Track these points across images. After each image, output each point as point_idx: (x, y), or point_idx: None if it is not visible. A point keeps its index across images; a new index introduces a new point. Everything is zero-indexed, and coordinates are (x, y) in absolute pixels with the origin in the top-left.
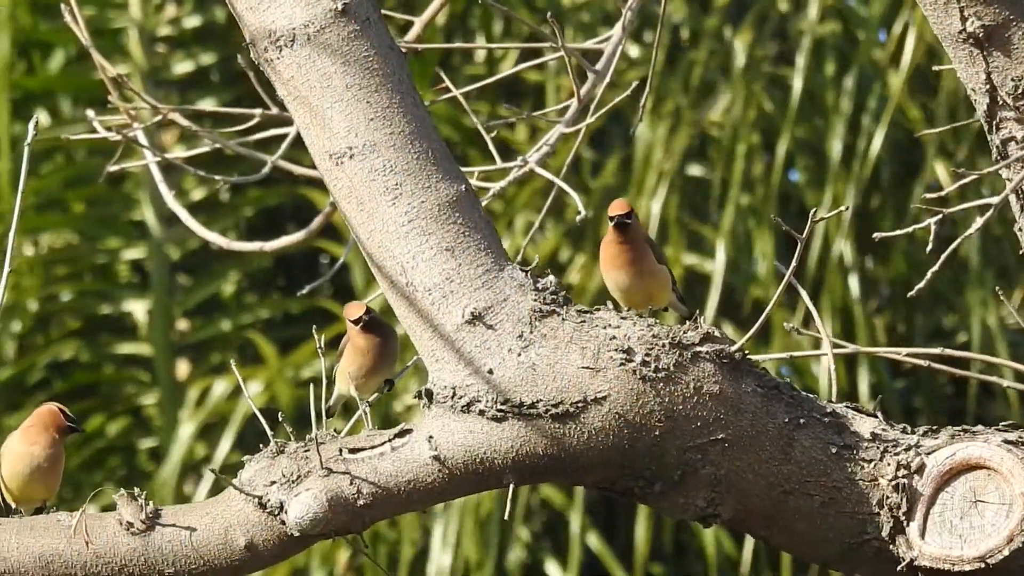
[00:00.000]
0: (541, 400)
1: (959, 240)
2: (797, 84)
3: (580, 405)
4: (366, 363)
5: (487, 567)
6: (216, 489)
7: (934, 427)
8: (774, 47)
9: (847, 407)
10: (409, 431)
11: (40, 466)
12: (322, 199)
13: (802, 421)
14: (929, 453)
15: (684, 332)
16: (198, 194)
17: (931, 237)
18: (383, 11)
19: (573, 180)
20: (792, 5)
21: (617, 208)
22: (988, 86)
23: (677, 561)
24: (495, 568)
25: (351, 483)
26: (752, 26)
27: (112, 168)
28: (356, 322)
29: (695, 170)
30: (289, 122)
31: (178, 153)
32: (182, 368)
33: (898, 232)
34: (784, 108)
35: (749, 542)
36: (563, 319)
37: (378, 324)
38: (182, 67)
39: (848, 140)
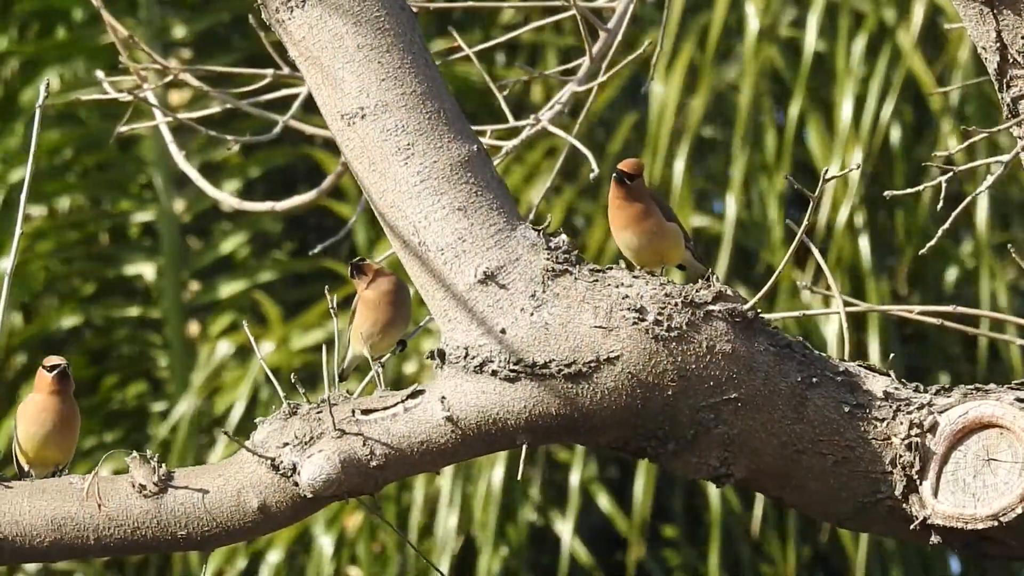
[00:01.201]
0: (554, 360)
1: (971, 197)
2: (809, 45)
3: (593, 365)
4: (380, 317)
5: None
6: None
7: (946, 386)
8: (790, 11)
9: (860, 366)
10: (422, 392)
11: (55, 425)
12: (329, 162)
13: (815, 380)
14: (942, 412)
15: (697, 291)
16: (207, 155)
17: (941, 195)
18: None
19: (588, 142)
20: None
21: (627, 165)
22: (999, 44)
23: (687, 523)
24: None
25: (364, 444)
26: None
27: (123, 129)
28: (355, 266)
29: (708, 131)
30: (301, 82)
31: (191, 114)
32: (193, 329)
33: (909, 190)
34: (796, 70)
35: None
36: (576, 278)
37: (387, 277)
38: (192, 28)
39: (858, 103)
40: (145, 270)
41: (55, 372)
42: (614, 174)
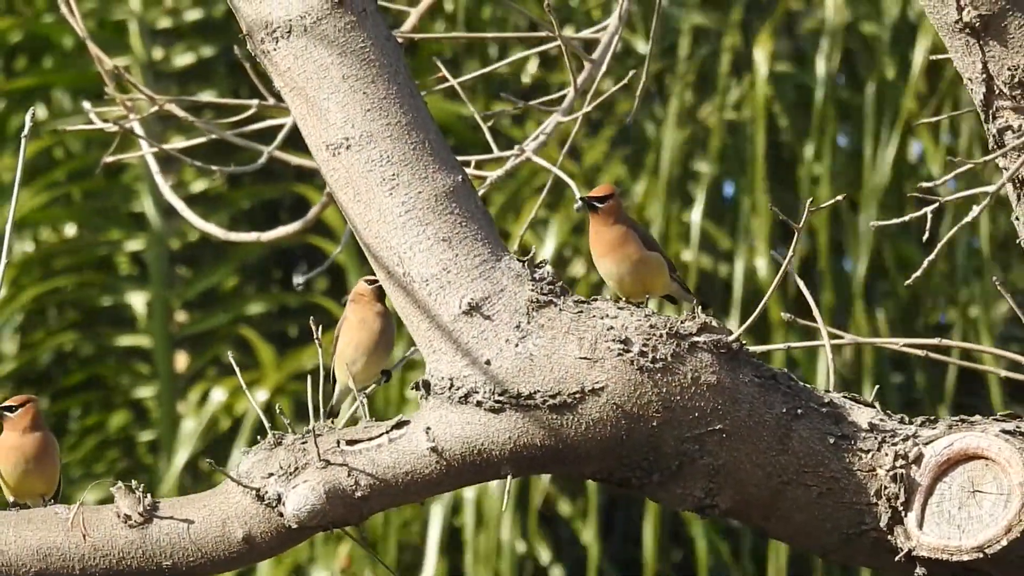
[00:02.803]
0: (539, 391)
1: (956, 228)
2: (819, 93)
3: (578, 396)
4: (362, 340)
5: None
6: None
7: (932, 417)
8: (785, 45)
9: (845, 397)
10: (406, 423)
11: (28, 462)
12: (315, 195)
13: (799, 411)
14: (927, 443)
15: (682, 322)
16: (198, 186)
17: (927, 225)
18: (380, 2)
19: (586, 177)
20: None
21: (595, 191)
22: (984, 75)
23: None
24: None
25: (349, 475)
26: (768, 26)
27: (108, 159)
28: (370, 282)
29: (704, 167)
30: (286, 113)
31: (176, 144)
32: (181, 360)
33: (894, 220)
34: (795, 107)
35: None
36: (560, 309)
37: (371, 303)
38: (183, 59)
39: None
40: (134, 299)
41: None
42: (584, 202)
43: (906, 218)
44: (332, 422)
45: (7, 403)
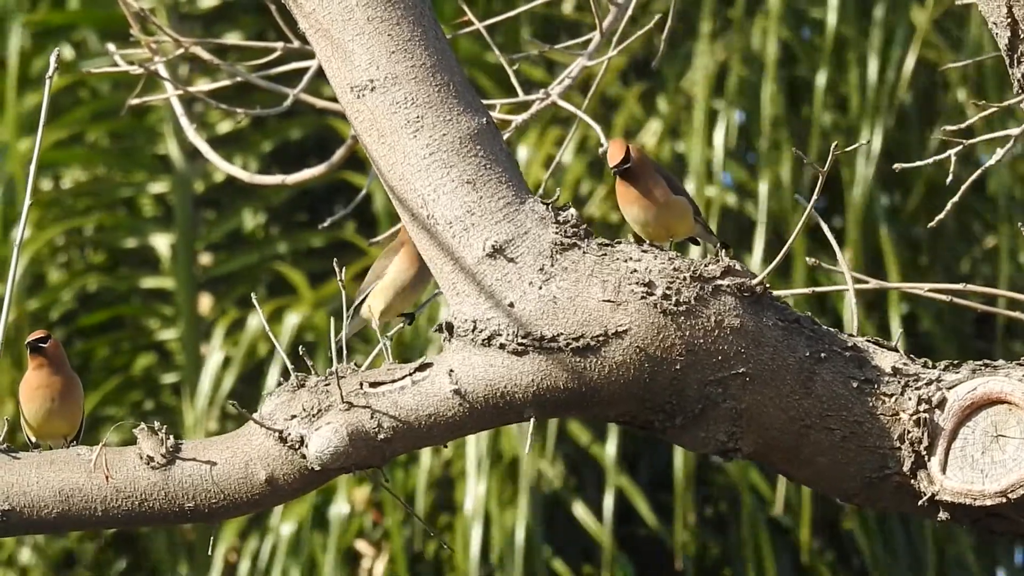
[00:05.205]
0: (562, 333)
1: (980, 170)
2: (831, 20)
3: (601, 339)
4: (412, 274)
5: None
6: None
7: (955, 361)
8: None
9: (868, 341)
10: (429, 365)
11: (53, 399)
12: (345, 129)
13: (823, 355)
14: (950, 387)
15: (705, 265)
16: (223, 128)
17: (951, 168)
18: None
19: (605, 118)
20: None
21: (613, 156)
22: (1009, 19)
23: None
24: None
25: (372, 417)
26: None
27: (133, 101)
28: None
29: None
30: (311, 55)
31: (201, 87)
32: (204, 302)
33: (919, 163)
34: (815, 45)
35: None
36: (584, 252)
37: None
38: (208, 0)
39: (875, 77)
40: (158, 241)
41: (29, 348)
42: (614, 170)
43: (930, 161)
44: (355, 364)
45: (37, 336)
